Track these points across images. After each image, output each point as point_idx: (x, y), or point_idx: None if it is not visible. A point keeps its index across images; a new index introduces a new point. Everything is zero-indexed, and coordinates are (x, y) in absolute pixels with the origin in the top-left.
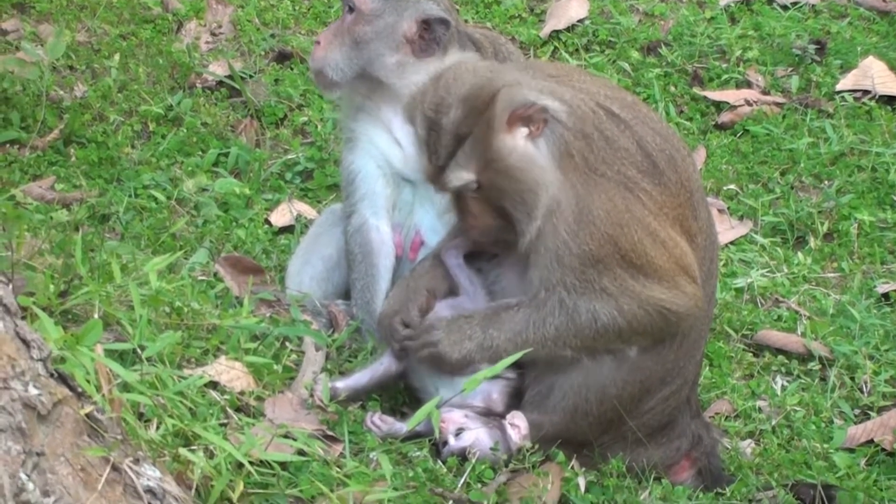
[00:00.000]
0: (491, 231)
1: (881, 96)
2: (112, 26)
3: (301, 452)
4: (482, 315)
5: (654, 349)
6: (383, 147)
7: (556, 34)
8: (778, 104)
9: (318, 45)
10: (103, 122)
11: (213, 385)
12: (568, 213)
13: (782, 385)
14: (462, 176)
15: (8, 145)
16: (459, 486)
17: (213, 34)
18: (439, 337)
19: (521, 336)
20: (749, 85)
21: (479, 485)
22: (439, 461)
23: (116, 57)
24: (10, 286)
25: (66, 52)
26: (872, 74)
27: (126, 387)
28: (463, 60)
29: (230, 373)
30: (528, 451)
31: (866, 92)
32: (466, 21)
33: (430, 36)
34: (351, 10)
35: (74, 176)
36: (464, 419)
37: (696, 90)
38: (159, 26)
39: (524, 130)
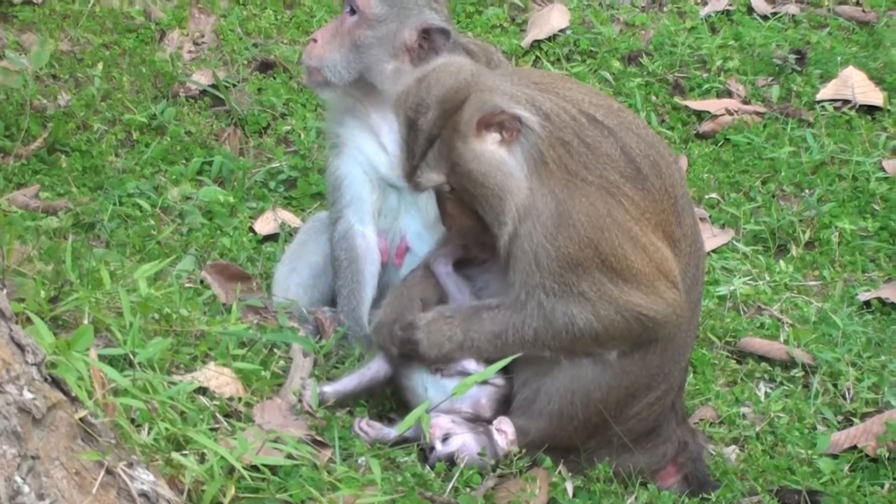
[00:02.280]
0: (471, 232)
1: (861, 105)
2: (95, 36)
3: (290, 457)
4: (463, 316)
5: (638, 354)
6: (369, 153)
7: (537, 44)
8: (759, 113)
9: (315, 43)
10: (87, 131)
11: (203, 391)
12: (546, 217)
13: (766, 392)
14: (432, 177)
15: None
16: (448, 490)
17: (195, 43)
18: (420, 337)
19: (501, 338)
20: (730, 94)
21: (468, 489)
22: (427, 466)
23: (100, 66)
24: (4, 291)
25: (50, 61)
26: (852, 84)
27: (117, 391)
28: (449, 62)
29: (219, 378)
30: (515, 456)
31: (846, 101)
32: None
33: (429, 45)
34: (353, 11)
35: (59, 184)
36: (451, 424)
37: (678, 100)
38: (142, 36)
39: (496, 136)
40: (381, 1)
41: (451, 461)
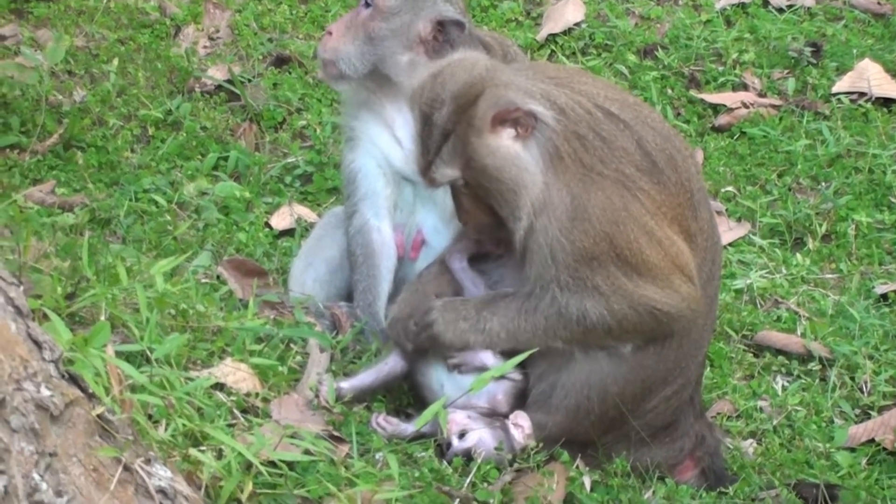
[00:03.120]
0: (487, 228)
1: (877, 98)
2: (110, 31)
3: (307, 453)
4: (478, 300)
5: (653, 348)
6: (384, 146)
7: (552, 38)
8: (774, 106)
9: (330, 36)
10: (103, 127)
11: (220, 387)
12: (561, 211)
13: (783, 385)
14: (446, 172)
15: (8, 150)
16: (465, 485)
17: (210, 38)
18: (435, 317)
19: (514, 322)
20: (745, 87)
21: (485, 484)
22: (444, 461)
23: (115, 62)
24: (21, 288)
25: (65, 57)
26: (868, 76)
27: (134, 388)
28: (464, 57)
29: (236, 374)
30: (532, 450)
31: (862, 94)
32: None
33: (443, 37)
34: (367, 4)
35: (74, 180)
36: (467, 420)
37: (693, 93)
38: (157, 31)
39: (511, 132)
40: None
41: (468, 456)
